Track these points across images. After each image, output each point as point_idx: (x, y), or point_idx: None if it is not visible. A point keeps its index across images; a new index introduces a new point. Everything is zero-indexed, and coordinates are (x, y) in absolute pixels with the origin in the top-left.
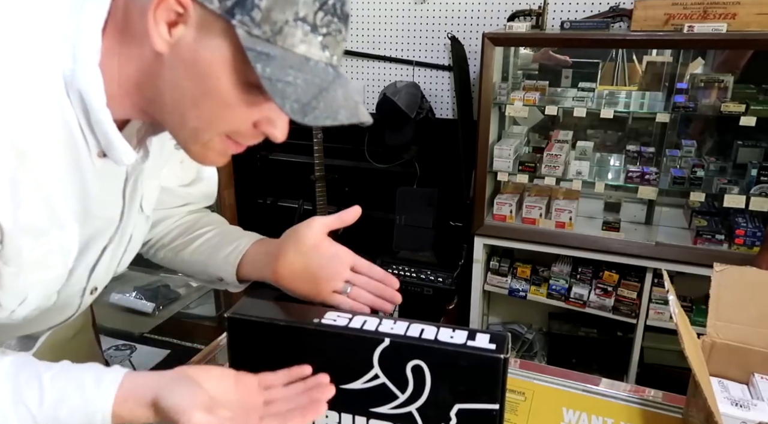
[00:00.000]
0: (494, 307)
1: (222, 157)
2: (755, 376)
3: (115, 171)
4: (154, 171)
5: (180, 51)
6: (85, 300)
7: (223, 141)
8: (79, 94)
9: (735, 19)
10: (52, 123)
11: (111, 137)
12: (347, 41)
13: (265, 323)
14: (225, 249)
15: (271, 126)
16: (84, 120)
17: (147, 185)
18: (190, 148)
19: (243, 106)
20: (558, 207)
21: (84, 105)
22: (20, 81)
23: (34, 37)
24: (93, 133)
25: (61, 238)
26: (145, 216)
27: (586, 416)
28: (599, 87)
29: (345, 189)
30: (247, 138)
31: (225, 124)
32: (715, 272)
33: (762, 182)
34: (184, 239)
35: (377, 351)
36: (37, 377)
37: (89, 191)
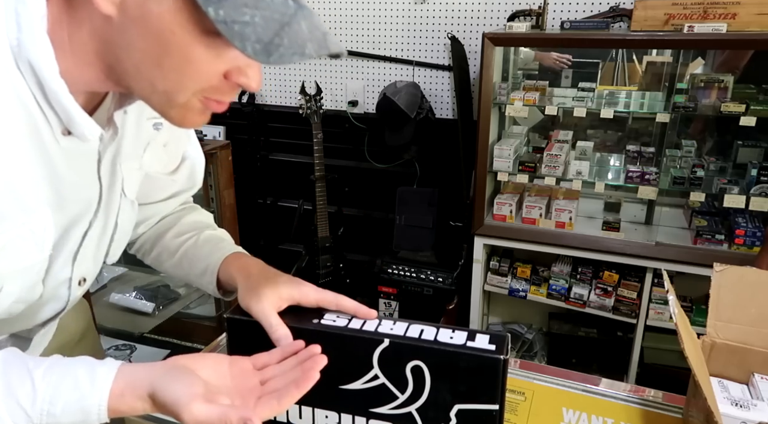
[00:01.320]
0: (494, 307)
1: (202, 117)
2: (755, 376)
3: (85, 151)
4: (133, 152)
5: (128, 10)
6: (75, 292)
7: (200, 101)
8: (30, 66)
9: (735, 19)
10: (4, 100)
11: (69, 111)
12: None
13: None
14: (198, 270)
15: (242, 75)
16: (40, 94)
17: (126, 167)
18: (167, 112)
19: (207, 58)
20: (558, 207)
21: (36, 77)
22: None
23: None
24: (52, 108)
25: (30, 223)
26: (130, 201)
27: (586, 416)
28: (599, 87)
29: (345, 189)
30: (224, 93)
31: (194, 82)
32: (715, 272)
33: (762, 182)
34: (160, 250)
35: (377, 352)
36: (28, 372)
37: (59, 173)
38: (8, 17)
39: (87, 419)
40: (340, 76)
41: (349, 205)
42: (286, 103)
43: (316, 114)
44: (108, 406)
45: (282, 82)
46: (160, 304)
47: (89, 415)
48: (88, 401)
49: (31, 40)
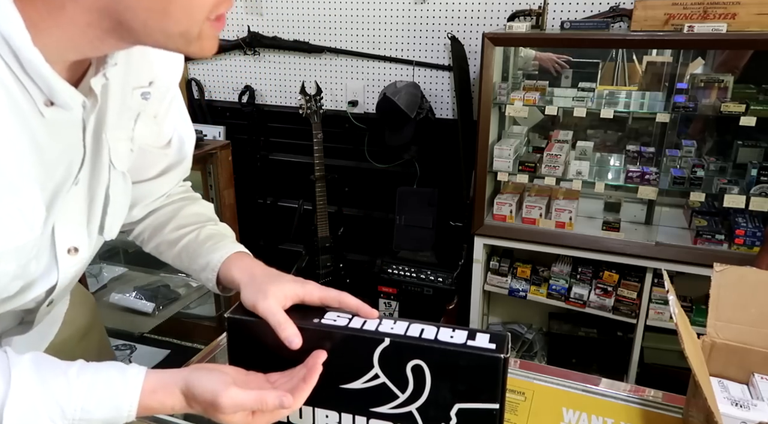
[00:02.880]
0: (494, 307)
1: (213, 41)
2: (755, 376)
3: (70, 120)
4: (118, 123)
5: None
6: (64, 262)
7: (209, 25)
8: (2, 38)
9: (735, 19)
10: None
11: (48, 79)
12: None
13: (264, 323)
14: (198, 266)
15: None
16: (17, 66)
17: (112, 137)
18: (187, 50)
19: None
20: (558, 207)
21: (10, 49)
22: None
23: None
24: (32, 80)
25: (17, 202)
26: (121, 173)
27: (586, 416)
28: (599, 87)
29: (345, 189)
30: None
31: (202, 10)
32: (715, 272)
33: (762, 182)
34: (159, 241)
35: (377, 351)
36: (63, 371)
37: (43, 146)
38: None
39: (118, 415)
40: (340, 76)
41: (349, 206)
42: (286, 103)
43: (316, 114)
44: (139, 402)
45: (282, 82)
46: (160, 304)
47: (120, 411)
48: (121, 398)
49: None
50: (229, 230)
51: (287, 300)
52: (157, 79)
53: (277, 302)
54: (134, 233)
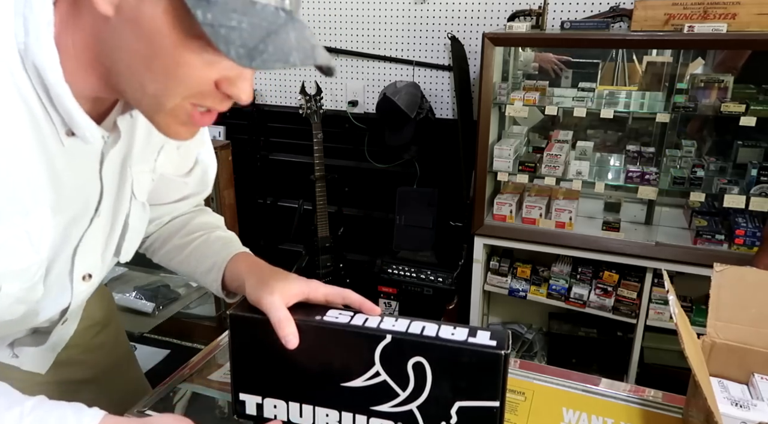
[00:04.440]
0: (494, 307)
1: (186, 128)
2: (755, 376)
3: (88, 152)
4: (143, 156)
5: (124, 11)
6: (78, 287)
7: (189, 110)
8: (35, 69)
9: (735, 19)
10: (8, 102)
11: (72, 113)
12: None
13: (266, 321)
14: (204, 267)
15: (232, 86)
16: (45, 96)
17: (137, 170)
18: (154, 118)
19: (197, 64)
20: (558, 207)
21: (42, 80)
22: None
23: None
24: (56, 110)
25: (26, 225)
26: (141, 203)
27: (586, 416)
28: (599, 87)
29: (345, 189)
30: (213, 102)
31: (183, 86)
32: (715, 272)
33: (762, 182)
34: (173, 247)
35: (379, 348)
36: (18, 402)
37: (60, 174)
38: (17, 22)
39: None
40: (340, 76)
41: (349, 206)
42: (286, 103)
43: (316, 114)
44: None
45: (282, 82)
46: (160, 304)
47: None
48: None
49: (37, 45)
50: (236, 237)
51: (292, 297)
52: None
53: (282, 299)
54: (144, 245)
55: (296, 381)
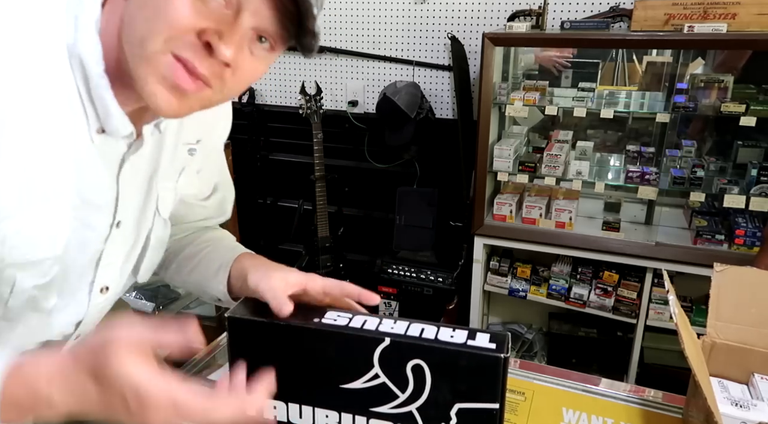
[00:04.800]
0: (494, 307)
1: (171, 93)
2: (755, 376)
3: (110, 154)
4: (168, 174)
5: None
6: (95, 299)
7: (167, 60)
8: (80, 62)
9: (735, 19)
10: (52, 92)
11: (107, 103)
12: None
13: (265, 323)
14: (212, 271)
15: (217, 36)
16: (84, 90)
17: (162, 187)
18: (137, 71)
19: (189, 6)
20: (558, 207)
21: (84, 73)
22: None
23: (40, 13)
24: (93, 104)
25: (47, 213)
26: (163, 220)
27: (586, 416)
28: (599, 87)
29: (345, 189)
30: (195, 53)
31: (167, 22)
32: (715, 272)
33: (762, 182)
34: (183, 259)
35: (377, 351)
36: None
37: (83, 171)
38: (68, 20)
39: None
40: (340, 76)
41: (349, 205)
42: (286, 103)
43: (316, 114)
44: None
45: (282, 82)
46: (160, 304)
47: None
48: None
49: (84, 39)
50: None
51: (289, 286)
52: (204, 138)
53: (280, 284)
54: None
55: (295, 383)
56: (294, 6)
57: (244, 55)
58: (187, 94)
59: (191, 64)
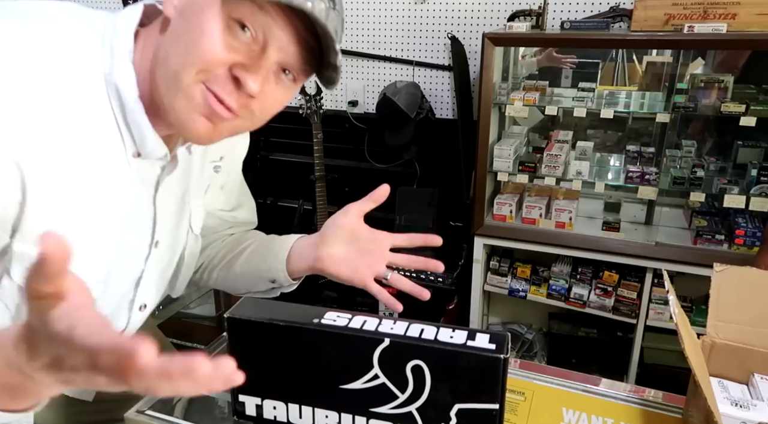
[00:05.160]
0: (494, 307)
1: (206, 121)
2: (755, 376)
3: (146, 177)
4: (197, 191)
5: (180, 7)
6: (134, 317)
7: (201, 91)
8: (116, 90)
9: (735, 19)
10: (91, 118)
11: (143, 129)
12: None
13: (264, 323)
14: (272, 251)
15: (245, 71)
16: (121, 116)
17: (194, 204)
18: (174, 104)
19: (220, 39)
20: (558, 207)
21: (120, 100)
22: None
23: (79, 44)
24: (129, 129)
25: (89, 234)
26: (195, 236)
27: (586, 416)
28: (599, 87)
29: (345, 189)
30: (224, 86)
31: (199, 56)
32: (715, 272)
33: (762, 182)
34: (233, 254)
35: (377, 351)
36: None
37: (121, 194)
38: (104, 50)
39: None
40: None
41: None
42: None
43: (316, 114)
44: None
45: None
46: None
47: None
48: None
49: (119, 68)
50: None
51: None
52: (227, 155)
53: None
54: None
55: (295, 383)
56: (317, 42)
57: (269, 86)
58: (221, 121)
59: (220, 97)
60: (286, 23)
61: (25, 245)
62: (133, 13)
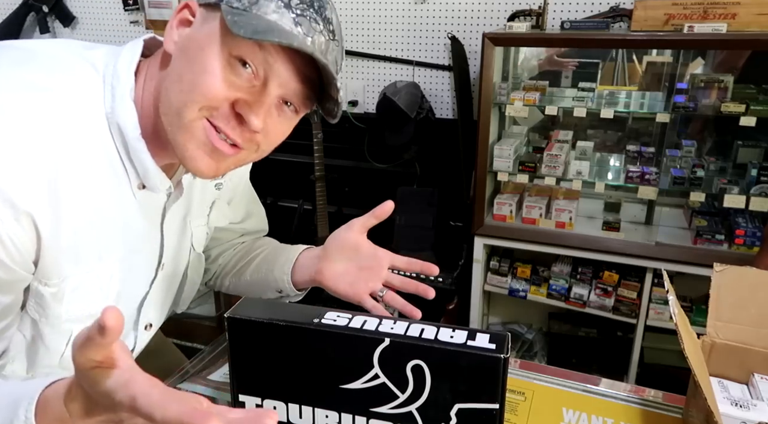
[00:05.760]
0: (494, 307)
1: (208, 158)
2: (755, 376)
3: (153, 206)
4: (200, 211)
5: (181, 43)
6: (141, 336)
7: (204, 126)
8: (119, 128)
9: (735, 19)
10: (96, 157)
11: (147, 165)
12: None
13: (264, 323)
14: (278, 263)
15: (247, 108)
16: (124, 152)
17: (195, 225)
18: (177, 140)
19: (222, 77)
20: (558, 207)
21: (123, 138)
22: (70, 118)
23: (80, 85)
24: (132, 164)
25: (98, 269)
26: (197, 255)
27: (586, 416)
28: (599, 87)
29: (345, 189)
30: (227, 122)
31: (201, 93)
32: (715, 272)
33: (762, 182)
34: (244, 262)
35: (377, 351)
36: None
37: (129, 225)
38: (105, 90)
39: None
40: (341, 76)
41: (349, 205)
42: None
43: (316, 114)
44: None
45: None
46: None
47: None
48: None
49: (121, 108)
50: None
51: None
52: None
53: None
54: (212, 282)
55: (295, 383)
56: (317, 76)
57: (272, 119)
58: (224, 158)
59: (224, 132)
60: (287, 60)
61: (39, 284)
62: (134, 51)
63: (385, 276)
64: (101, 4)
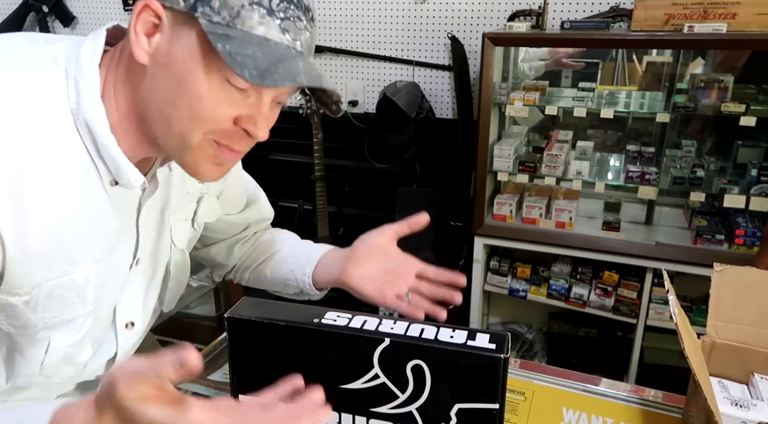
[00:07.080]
0: (494, 307)
1: (215, 167)
2: (755, 376)
3: (127, 201)
4: (180, 205)
5: (158, 57)
6: (123, 336)
7: (212, 145)
8: (86, 124)
9: (735, 19)
10: (62, 156)
11: (117, 160)
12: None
13: (264, 323)
14: (298, 263)
15: (250, 123)
16: (93, 149)
17: (174, 219)
18: (183, 157)
19: (218, 99)
20: (558, 207)
21: (91, 134)
22: (30, 117)
23: (41, 80)
24: (103, 161)
25: (72, 273)
26: (180, 250)
27: (586, 416)
28: (599, 87)
29: (345, 189)
30: (233, 138)
31: (204, 120)
32: (715, 272)
33: (762, 182)
34: (264, 258)
35: (377, 351)
36: None
37: (102, 224)
38: (69, 85)
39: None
40: (340, 76)
41: (349, 205)
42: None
43: (316, 114)
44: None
45: None
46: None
47: None
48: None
49: (86, 103)
50: None
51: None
52: None
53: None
54: (232, 275)
55: None
56: None
57: (270, 117)
58: (231, 162)
59: (232, 148)
60: None
61: (8, 296)
62: (96, 42)
63: (411, 283)
64: (101, 4)
